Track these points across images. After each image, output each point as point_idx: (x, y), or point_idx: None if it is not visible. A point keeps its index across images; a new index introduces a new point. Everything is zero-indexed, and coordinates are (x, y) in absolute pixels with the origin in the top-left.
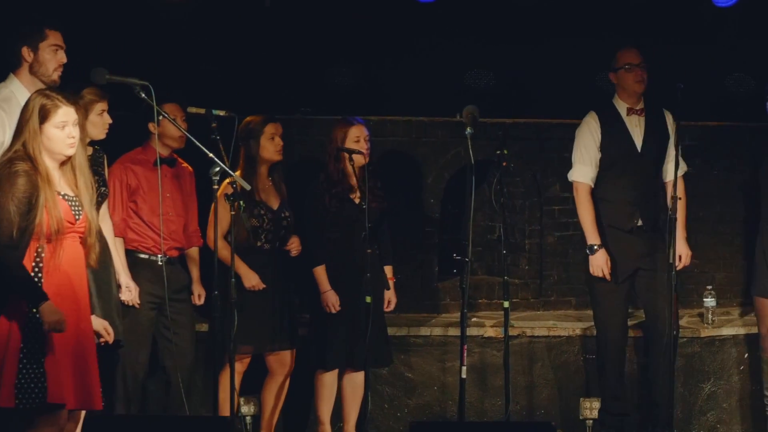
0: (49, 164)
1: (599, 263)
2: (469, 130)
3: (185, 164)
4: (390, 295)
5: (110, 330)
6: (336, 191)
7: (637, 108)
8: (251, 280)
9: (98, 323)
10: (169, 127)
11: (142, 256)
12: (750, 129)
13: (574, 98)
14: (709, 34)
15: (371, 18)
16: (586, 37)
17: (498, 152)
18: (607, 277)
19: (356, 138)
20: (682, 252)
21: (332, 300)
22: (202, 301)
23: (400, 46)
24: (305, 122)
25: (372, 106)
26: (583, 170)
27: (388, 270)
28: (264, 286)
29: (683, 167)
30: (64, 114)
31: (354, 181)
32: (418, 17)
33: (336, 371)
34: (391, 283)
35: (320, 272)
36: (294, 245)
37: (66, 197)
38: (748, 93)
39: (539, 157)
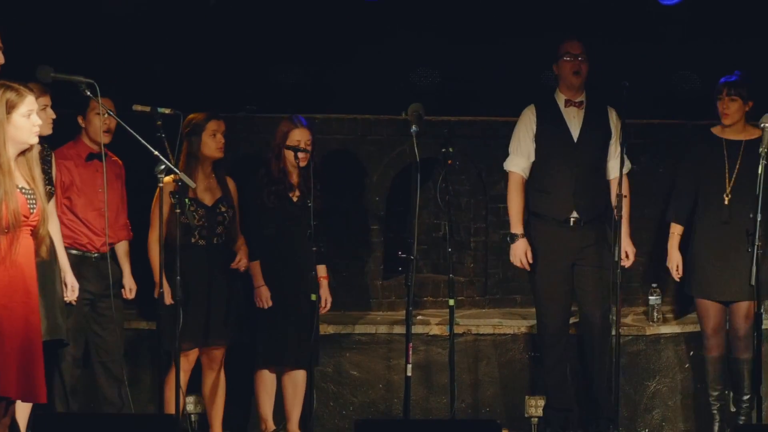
0: (11, 155)
1: (518, 253)
2: (414, 128)
3: (115, 158)
4: (325, 294)
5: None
6: (276, 188)
7: (576, 100)
8: (166, 297)
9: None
10: (98, 122)
11: (75, 252)
12: (696, 127)
13: (519, 97)
14: (655, 32)
15: (317, 16)
16: (532, 36)
17: (443, 150)
18: (526, 267)
19: (297, 142)
20: (629, 249)
21: (266, 296)
22: (133, 295)
23: (345, 44)
24: (250, 120)
25: (317, 104)
26: (516, 160)
27: (321, 269)
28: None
29: (627, 165)
30: (30, 103)
31: (294, 179)
32: (363, 15)
33: (274, 368)
34: (324, 282)
35: (255, 267)
36: (242, 264)
37: (23, 190)
38: (694, 91)
39: (484, 155)
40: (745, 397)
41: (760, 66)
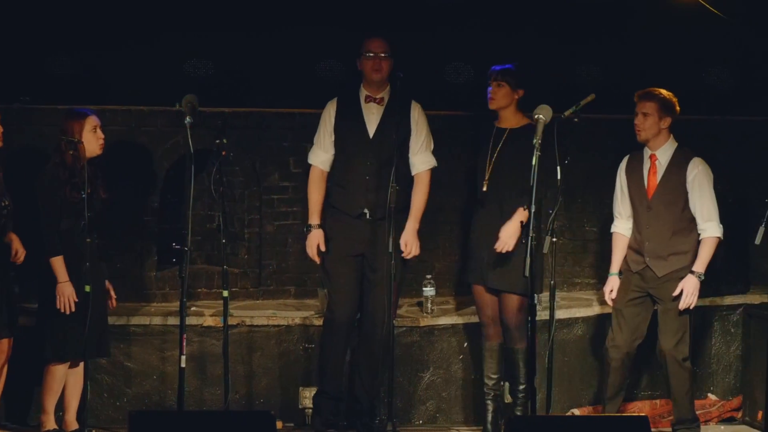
0: None
1: (311, 243)
2: (188, 119)
3: None
4: (111, 289)
5: None
6: (75, 182)
7: (377, 97)
8: None
9: None
10: None
11: None
12: (469, 117)
13: (293, 88)
14: (428, 22)
15: (90, 6)
16: (307, 26)
17: (217, 141)
18: (316, 259)
19: (93, 128)
20: (408, 240)
21: (69, 291)
22: None
23: (119, 35)
24: (24, 111)
25: (91, 95)
26: (315, 152)
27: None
28: None
29: (431, 162)
30: None
31: (86, 171)
32: (136, 6)
33: (63, 362)
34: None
35: (58, 263)
36: (19, 255)
37: None
38: (467, 81)
39: (258, 146)
40: (521, 387)
41: (534, 57)
